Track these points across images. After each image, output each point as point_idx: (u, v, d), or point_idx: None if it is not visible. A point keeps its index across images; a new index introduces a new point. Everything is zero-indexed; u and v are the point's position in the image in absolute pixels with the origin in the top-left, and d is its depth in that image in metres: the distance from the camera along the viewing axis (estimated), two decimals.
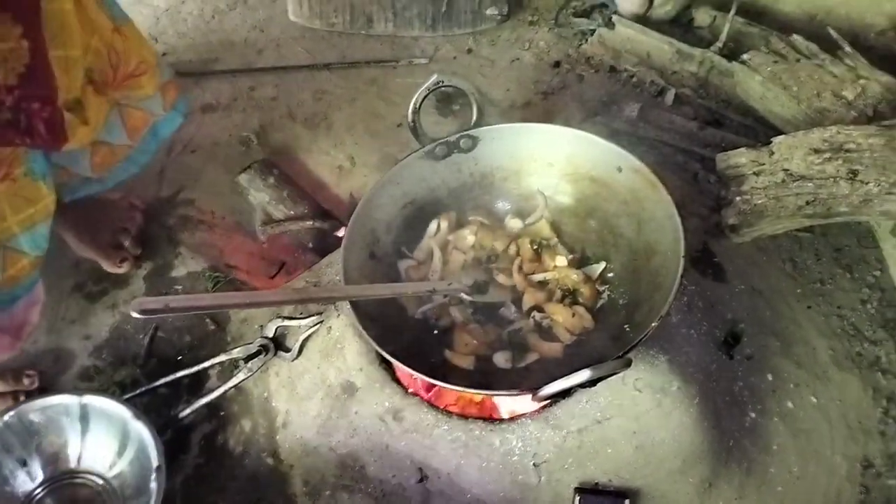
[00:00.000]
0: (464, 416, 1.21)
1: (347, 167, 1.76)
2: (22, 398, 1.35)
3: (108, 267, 1.55)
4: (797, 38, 1.73)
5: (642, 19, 1.99)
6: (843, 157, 1.35)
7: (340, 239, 1.25)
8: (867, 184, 1.32)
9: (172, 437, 1.34)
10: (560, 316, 1.22)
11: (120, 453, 1.26)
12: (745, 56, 1.75)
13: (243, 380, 1.36)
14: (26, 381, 1.38)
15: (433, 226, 1.37)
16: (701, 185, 1.66)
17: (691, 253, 1.48)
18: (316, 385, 1.31)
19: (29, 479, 1.26)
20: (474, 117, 1.37)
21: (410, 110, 1.33)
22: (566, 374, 0.97)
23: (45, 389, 1.39)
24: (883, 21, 1.90)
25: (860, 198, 1.32)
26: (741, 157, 1.46)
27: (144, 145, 1.33)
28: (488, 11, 2.03)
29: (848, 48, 1.65)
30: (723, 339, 1.36)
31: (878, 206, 1.32)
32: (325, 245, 1.61)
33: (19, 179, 1.07)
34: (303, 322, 1.36)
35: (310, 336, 1.36)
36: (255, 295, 1.37)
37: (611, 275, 1.29)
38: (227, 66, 2.01)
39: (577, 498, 1.17)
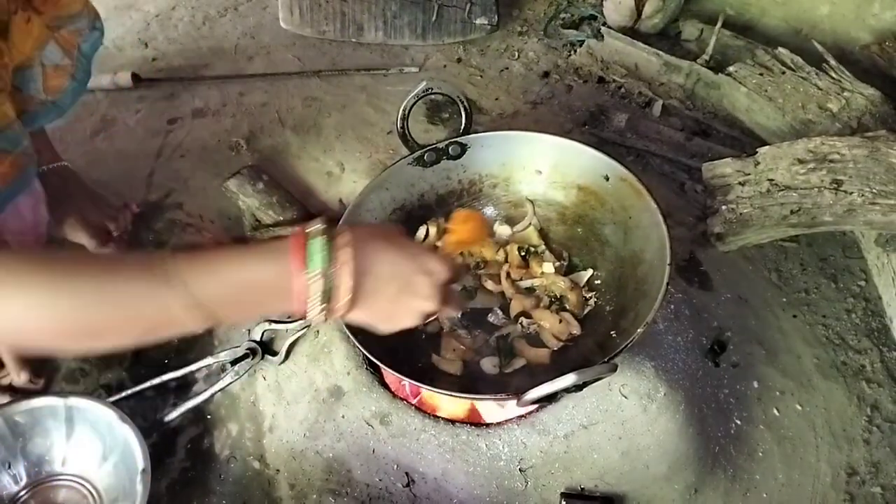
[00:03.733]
0: (451, 421, 1.22)
1: (337, 173, 1.76)
2: (9, 398, 1.34)
3: (94, 248, 1.53)
4: (783, 52, 1.75)
5: (630, 31, 2.02)
6: (828, 167, 1.37)
7: None
8: (851, 194, 1.34)
9: (158, 441, 1.33)
10: (547, 322, 1.23)
11: (105, 456, 1.25)
12: (731, 68, 1.78)
13: (230, 383, 1.36)
14: (35, 381, 1.38)
15: (421, 232, 1.37)
16: (687, 195, 1.68)
17: (678, 261, 1.50)
18: (303, 389, 1.31)
19: (13, 481, 1.25)
20: (463, 125, 1.38)
21: (399, 117, 1.33)
22: (552, 379, 0.98)
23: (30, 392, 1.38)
24: (867, 35, 1.93)
25: (844, 208, 1.34)
26: (727, 167, 1.47)
27: (80, 65, 1.34)
28: (478, 21, 2.04)
29: (833, 61, 1.68)
30: (709, 347, 1.37)
31: (861, 216, 1.33)
32: None
33: None
34: (290, 326, 1.36)
35: (297, 340, 1.36)
36: None
37: (598, 282, 1.30)
38: (217, 73, 2.01)
39: (563, 503, 1.17)
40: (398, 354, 1.19)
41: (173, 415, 1.35)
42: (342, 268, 0.82)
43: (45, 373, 1.41)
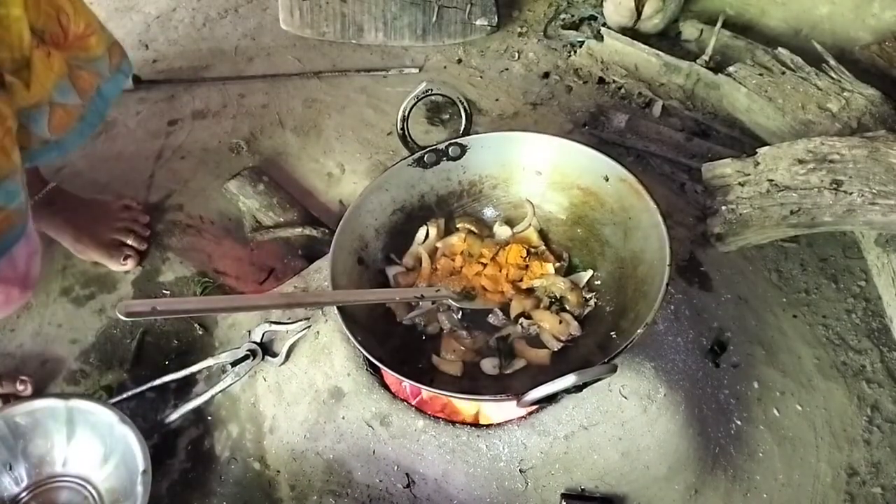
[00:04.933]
0: (451, 422, 1.22)
1: (337, 174, 1.77)
2: (11, 400, 1.34)
3: (113, 266, 1.55)
4: (782, 52, 1.75)
5: (630, 32, 2.02)
6: (827, 167, 1.37)
7: (329, 245, 1.25)
8: (850, 194, 1.34)
9: (159, 442, 1.33)
10: (547, 323, 1.23)
11: (106, 457, 1.25)
12: (731, 69, 1.78)
13: (230, 384, 1.36)
14: (20, 387, 1.37)
15: (422, 232, 1.37)
16: (687, 195, 1.68)
17: (678, 262, 1.50)
18: (303, 390, 1.31)
19: (14, 482, 1.25)
20: (463, 126, 1.38)
21: (399, 118, 1.33)
22: (552, 380, 0.98)
23: (31, 393, 1.38)
24: (867, 36, 1.93)
25: (844, 208, 1.34)
26: (727, 168, 1.47)
27: (94, 106, 1.33)
28: (478, 22, 2.04)
29: (832, 62, 1.68)
30: (709, 347, 1.37)
31: (861, 216, 1.33)
32: (314, 252, 1.61)
33: None
34: (290, 327, 1.36)
35: (297, 341, 1.36)
36: (242, 299, 1.37)
37: (598, 282, 1.30)
38: (217, 74, 2.02)
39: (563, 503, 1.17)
40: (398, 355, 1.19)
41: (174, 416, 1.35)
42: None
43: (33, 378, 1.40)
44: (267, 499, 1.28)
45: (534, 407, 1.19)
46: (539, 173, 1.37)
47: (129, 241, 1.55)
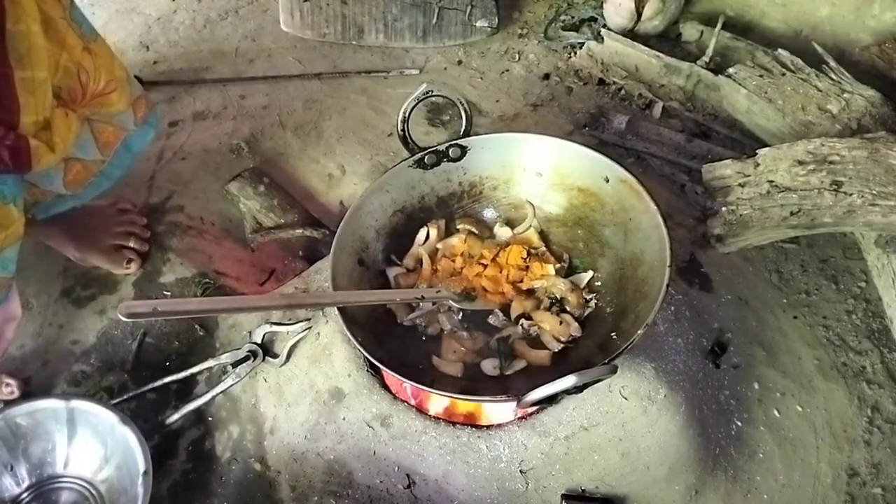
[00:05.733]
0: (451, 423, 1.22)
1: (337, 176, 1.77)
2: (1, 405, 1.34)
3: (116, 270, 1.55)
4: (783, 53, 1.76)
5: (631, 33, 2.02)
6: (827, 168, 1.37)
7: (330, 246, 1.25)
8: (850, 195, 1.34)
9: (160, 443, 1.34)
10: (547, 324, 1.23)
11: (107, 458, 1.26)
12: (731, 70, 1.78)
13: (231, 385, 1.36)
14: (5, 390, 1.36)
15: (422, 234, 1.37)
16: (688, 197, 1.68)
17: (678, 263, 1.50)
18: (304, 391, 1.31)
19: (15, 483, 1.26)
20: (463, 127, 1.38)
21: (400, 119, 1.33)
22: (552, 381, 0.98)
23: (31, 394, 1.38)
24: (867, 37, 1.93)
25: (844, 209, 1.34)
26: (727, 169, 1.47)
27: (118, 160, 1.32)
28: (479, 24, 2.05)
29: (832, 63, 1.68)
30: (709, 348, 1.37)
31: (861, 217, 1.33)
32: (314, 253, 1.62)
33: None
34: (291, 328, 1.37)
35: (298, 342, 1.36)
36: (243, 300, 1.37)
37: (598, 283, 1.30)
38: (218, 75, 2.02)
39: None
40: (399, 356, 1.19)
41: (174, 417, 1.35)
42: None
43: (19, 379, 1.40)
44: (267, 499, 1.29)
45: (534, 408, 1.19)
46: (539, 174, 1.37)
47: (131, 244, 1.55)
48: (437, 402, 1.27)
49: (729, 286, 1.50)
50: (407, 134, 1.35)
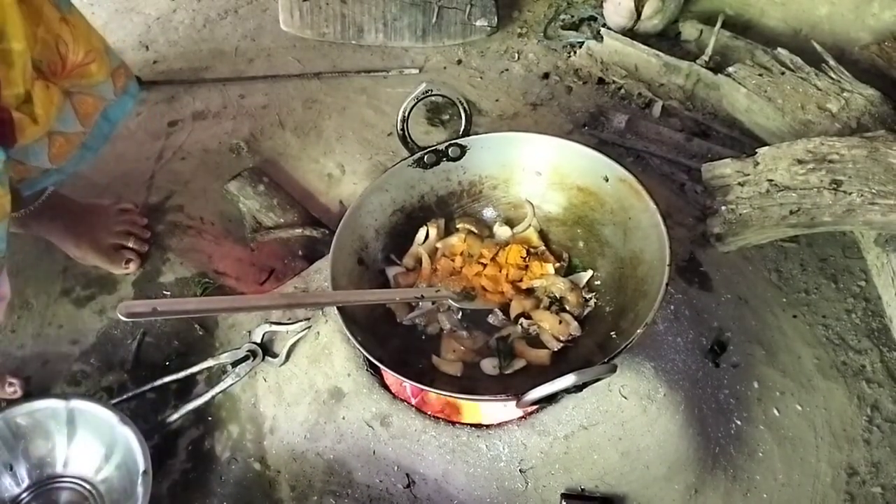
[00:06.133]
0: (451, 422, 1.22)
1: (337, 175, 1.77)
2: (3, 405, 1.34)
3: (115, 269, 1.55)
4: (782, 52, 1.76)
5: (630, 32, 2.02)
6: (827, 167, 1.37)
7: (330, 245, 1.25)
8: (850, 194, 1.34)
9: (159, 443, 1.34)
10: (547, 323, 1.23)
11: (107, 458, 1.26)
12: (730, 69, 1.78)
13: (231, 385, 1.36)
14: (9, 390, 1.36)
15: (422, 233, 1.37)
16: (687, 196, 1.68)
17: (678, 262, 1.50)
18: (303, 390, 1.31)
19: (15, 483, 1.26)
20: (463, 126, 1.38)
21: (399, 119, 1.33)
22: (552, 380, 0.98)
23: (30, 394, 1.38)
24: (866, 36, 1.93)
25: (843, 208, 1.34)
26: (726, 168, 1.47)
27: (98, 130, 1.32)
28: (478, 23, 2.05)
29: (832, 62, 1.68)
30: (709, 347, 1.37)
31: (860, 216, 1.33)
32: (314, 253, 1.62)
33: None
34: (290, 327, 1.37)
35: (297, 341, 1.36)
36: (242, 300, 1.37)
37: (597, 283, 1.30)
38: (217, 75, 2.02)
39: (564, 503, 1.17)
40: (398, 356, 1.19)
41: (174, 417, 1.35)
42: None
43: (21, 379, 1.40)
44: (267, 499, 1.29)
45: (534, 407, 1.19)
46: (539, 174, 1.37)
47: (130, 244, 1.55)
48: (437, 400, 1.27)
49: (728, 285, 1.50)
50: (406, 133, 1.35)
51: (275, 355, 1.36)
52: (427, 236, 1.37)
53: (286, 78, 2.00)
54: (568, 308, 1.26)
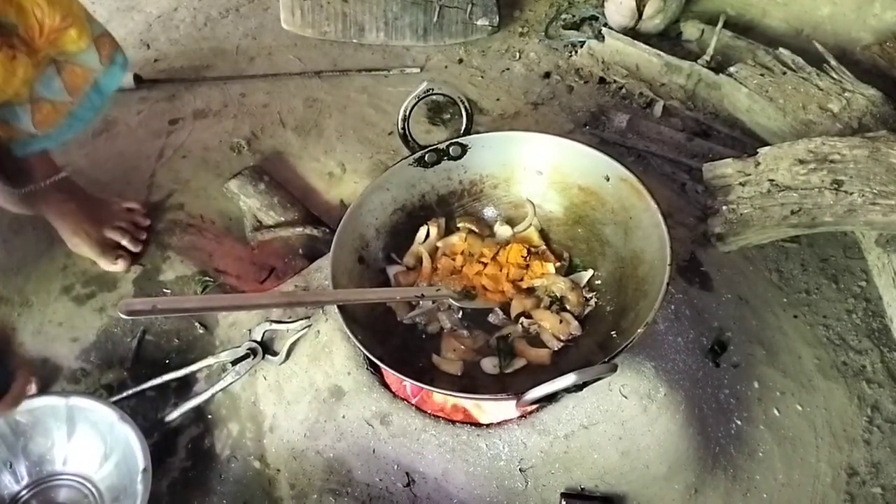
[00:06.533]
0: (451, 421, 1.22)
1: (338, 174, 1.77)
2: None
3: (104, 264, 1.55)
4: (783, 52, 1.76)
5: (631, 32, 2.02)
6: (828, 167, 1.37)
7: (330, 244, 1.25)
8: (851, 194, 1.34)
9: (159, 440, 1.33)
10: (548, 322, 1.23)
11: (106, 456, 1.26)
12: (732, 69, 1.78)
13: (231, 383, 1.36)
14: (29, 388, 1.37)
15: (422, 232, 1.37)
16: (688, 195, 1.68)
17: (678, 262, 1.50)
18: (303, 389, 1.31)
19: (14, 480, 1.26)
20: (464, 125, 1.38)
21: (400, 118, 1.33)
22: (552, 379, 0.98)
23: (36, 392, 1.38)
24: (868, 36, 1.93)
25: (844, 208, 1.34)
26: (727, 168, 1.47)
27: (89, 102, 1.32)
28: (479, 22, 2.05)
29: (833, 62, 1.68)
30: (709, 347, 1.37)
31: (861, 216, 1.33)
32: (315, 251, 1.61)
33: None
34: (291, 326, 1.36)
35: (298, 340, 1.36)
36: (242, 298, 1.37)
37: (598, 282, 1.30)
38: (218, 73, 2.02)
39: (564, 503, 1.17)
40: (398, 355, 1.19)
41: (174, 414, 1.35)
42: None
43: (40, 377, 1.40)
44: (267, 497, 1.29)
45: (534, 406, 1.19)
46: (540, 173, 1.37)
47: (124, 242, 1.55)
48: (437, 399, 1.27)
49: (729, 285, 1.50)
50: (407, 132, 1.35)
51: (275, 353, 1.36)
52: (428, 235, 1.37)
53: (287, 76, 2.00)
54: (568, 307, 1.26)
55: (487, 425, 1.21)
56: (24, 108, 1.19)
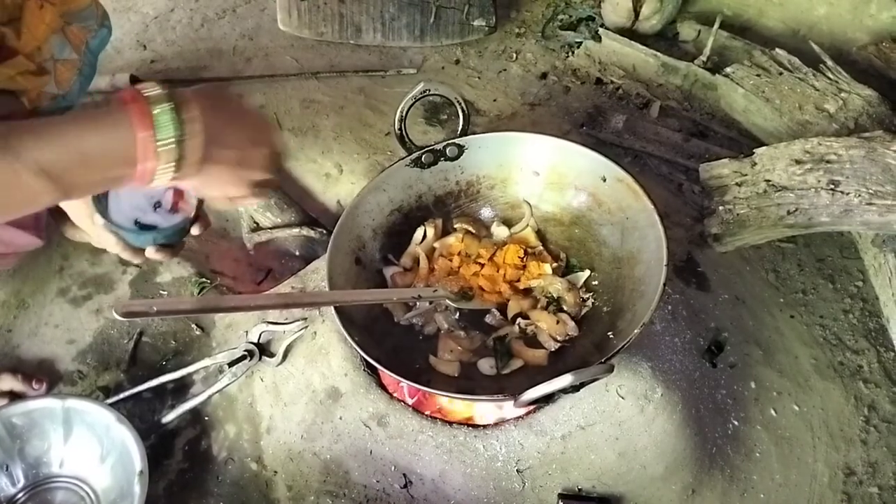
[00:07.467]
0: (448, 422, 1.22)
1: (335, 175, 1.77)
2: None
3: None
4: (780, 52, 1.76)
5: (628, 32, 2.02)
6: (824, 167, 1.37)
7: (327, 245, 1.25)
8: (847, 194, 1.34)
9: (156, 442, 1.33)
10: (544, 323, 1.23)
11: (103, 458, 1.25)
12: (728, 69, 1.78)
13: (228, 385, 1.36)
14: (36, 386, 1.38)
15: (419, 233, 1.37)
16: (685, 196, 1.68)
17: (675, 262, 1.50)
18: (300, 390, 1.31)
19: (11, 483, 1.25)
20: (461, 126, 1.38)
21: (397, 118, 1.33)
22: (549, 380, 0.98)
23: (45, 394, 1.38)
24: (864, 36, 1.93)
25: (840, 208, 1.34)
26: (724, 168, 1.47)
27: (87, 61, 1.34)
28: (476, 23, 2.05)
29: (830, 62, 1.68)
30: (706, 348, 1.37)
31: (858, 216, 1.33)
32: (311, 252, 1.61)
33: None
34: (287, 327, 1.36)
35: (294, 341, 1.36)
36: (239, 299, 1.37)
37: (595, 283, 1.30)
38: (215, 74, 2.01)
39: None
40: (395, 356, 1.19)
41: (171, 416, 1.35)
42: (194, 139, 0.82)
43: (47, 378, 1.40)
44: (264, 499, 1.28)
45: (531, 407, 1.19)
46: (537, 174, 1.37)
47: None
48: (434, 401, 1.27)
49: (726, 285, 1.50)
50: (404, 133, 1.35)
51: (272, 355, 1.36)
52: (425, 236, 1.37)
53: (284, 77, 2.00)
54: (565, 308, 1.26)
55: (484, 426, 1.21)
56: (49, 66, 1.21)
